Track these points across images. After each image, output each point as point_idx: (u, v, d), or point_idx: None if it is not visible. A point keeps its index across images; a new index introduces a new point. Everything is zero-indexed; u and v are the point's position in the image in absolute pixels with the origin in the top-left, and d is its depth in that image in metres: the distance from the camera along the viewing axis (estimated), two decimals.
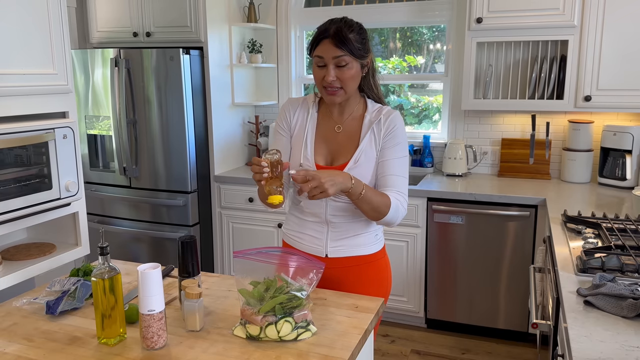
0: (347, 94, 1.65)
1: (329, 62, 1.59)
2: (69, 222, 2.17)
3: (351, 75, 1.62)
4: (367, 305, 1.52)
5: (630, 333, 1.27)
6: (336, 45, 1.57)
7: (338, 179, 1.50)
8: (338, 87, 1.62)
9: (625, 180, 2.99)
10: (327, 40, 1.59)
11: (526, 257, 2.94)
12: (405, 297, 3.23)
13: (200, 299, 1.37)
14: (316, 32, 1.63)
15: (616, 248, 1.80)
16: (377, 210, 1.59)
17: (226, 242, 3.62)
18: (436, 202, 3.05)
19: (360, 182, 1.56)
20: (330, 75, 1.59)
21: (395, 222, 1.65)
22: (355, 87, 1.67)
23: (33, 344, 1.33)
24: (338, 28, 1.58)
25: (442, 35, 3.62)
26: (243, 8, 3.75)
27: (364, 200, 1.57)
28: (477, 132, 3.52)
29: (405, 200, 1.66)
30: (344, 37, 1.57)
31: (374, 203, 1.58)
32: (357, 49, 1.60)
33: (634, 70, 2.83)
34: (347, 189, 1.52)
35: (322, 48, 1.60)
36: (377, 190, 1.63)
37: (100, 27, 3.64)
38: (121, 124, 3.40)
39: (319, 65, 1.62)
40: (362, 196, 1.55)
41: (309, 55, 1.67)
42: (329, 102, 1.68)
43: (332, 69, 1.60)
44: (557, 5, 2.90)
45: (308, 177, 1.46)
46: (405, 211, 1.66)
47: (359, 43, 1.61)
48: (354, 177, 1.55)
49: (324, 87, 1.63)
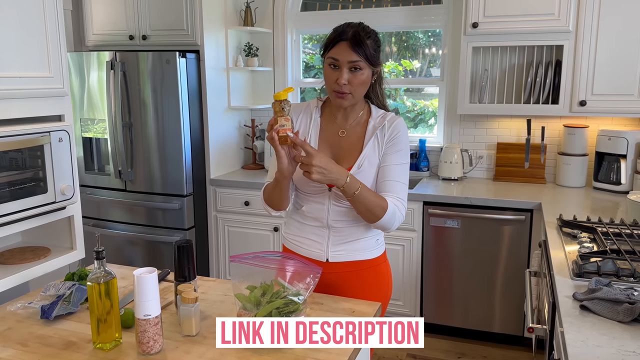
0: (355, 99, 1.65)
1: (343, 64, 1.58)
2: (64, 225, 2.15)
3: (362, 80, 1.61)
4: (364, 309, 1.52)
5: (627, 338, 1.28)
6: (353, 49, 1.57)
7: (331, 172, 1.51)
8: (348, 91, 1.61)
9: (620, 184, 3.01)
10: (344, 43, 1.58)
11: (522, 261, 2.94)
12: (401, 300, 3.23)
13: (196, 304, 1.37)
14: (332, 33, 1.62)
15: (612, 252, 1.81)
16: (372, 211, 1.59)
17: (222, 246, 3.62)
18: (432, 206, 3.06)
19: (357, 182, 1.56)
20: (343, 79, 1.58)
21: (392, 228, 1.65)
22: (363, 93, 1.67)
23: (28, 349, 1.32)
24: (356, 32, 1.58)
25: (438, 39, 3.63)
26: (239, 12, 3.75)
27: (358, 200, 1.57)
28: (473, 136, 3.53)
29: (404, 206, 1.66)
30: (362, 42, 1.57)
31: (369, 204, 1.58)
32: (372, 55, 1.60)
33: (628, 76, 2.85)
34: (339, 185, 1.53)
35: (338, 50, 1.59)
36: (375, 193, 1.62)
37: (96, 30, 3.63)
38: (117, 127, 3.39)
39: (332, 67, 1.61)
40: (356, 195, 1.55)
41: (322, 55, 1.65)
42: (337, 105, 1.68)
43: (345, 72, 1.59)
44: (552, 11, 2.91)
45: (306, 148, 1.49)
46: (402, 217, 1.66)
47: (374, 50, 1.61)
48: (352, 176, 1.55)
49: (333, 90, 1.63)
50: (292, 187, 1.71)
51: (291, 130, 1.50)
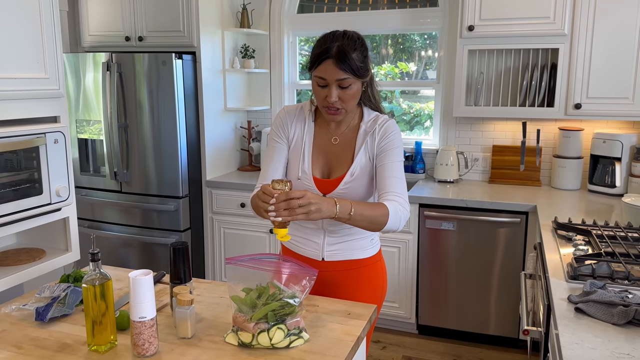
0: (347, 112, 1.65)
1: (331, 83, 1.56)
2: (59, 227, 2.15)
3: (352, 95, 1.60)
4: (359, 312, 1.52)
5: (621, 340, 1.28)
6: (339, 66, 1.53)
7: (324, 208, 1.45)
8: (339, 107, 1.60)
9: (615, 187, 3.02)
10: (329, 61, 1.54)
11: (517, 263, 2.95)
12: (397, 302, 3.23)
13: (191, 306, 1.36)
14: (317, 50, 1.57)
15: (606, 255, 1.82)
16: (375, 222, 1.56)
17: (217, 248, 3.61)
18: (428, 208, 3.06)
19: (347, 204, 1.50)
20: (333, 97, 1.57)
21: (399, 227, 1.60)
22: (355, 103, 1.66)
23: (22, 351, 1.32)
24: (340, 47, 1.53)
25: (434, 42, 3.64)
26: (236, 13, 3.75)
27: (356, 219, 1.53)
28: (469, 139, 3.54)
29: (406, 201, 1.63)
30: (347, 57, 1.53)
31: (369, 217, 1.54)
32: (359, 68, 1.56)
33: (623, 79, 2.86)
34: (332, 216, 1.48)
35: (324, 69, 1.55)
36: (369, 204, 1.58)
37: (92, 31, 3.62)
38: (112, 128, 3.39)
39: (320, 85, 1.59)
40: (352, 217, 1.51)
41: (308, 70, 1.62)
42: (330, 120, 1.67)
43: (334, 90, 1.57)
44: (547, 14, 2.93)
45: (298, 195, 1.41)
46: (407, 212, 1.61)
47: (361, 62, 1.57)
48: (338, 201, 1.50)
49: (324, 106, 1.62)
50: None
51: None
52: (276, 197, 1.41)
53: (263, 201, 1.44)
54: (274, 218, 1.42)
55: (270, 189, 1.44)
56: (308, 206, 1.41)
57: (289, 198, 1.40)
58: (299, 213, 1.41)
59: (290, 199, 1.40)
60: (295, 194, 1.41)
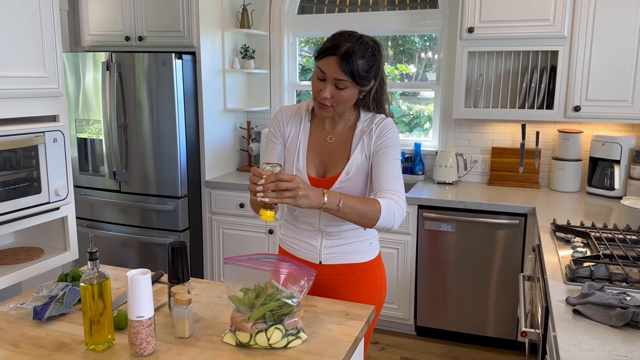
0: (336, 112, 1.64)
1: (329, 79, 1.57)
2: (58, 226, 2.14)
3: (345, 98, 1.59)
4: (357, 312, 1.52)
5: (619, 342, 1.28)
6: (341, 66, 1.53)
7: (312, 196, 1.45)
8: (330, 105, 1.61)
9: (614, 190, 3.02)
10: (334, 58, 1.54)
11: (515, 265, 2.95)
12: (396, 304, 3.23)
13: (189, 306, 1.36)
14: (328, 43, 1.57)
15: (604, 257, 1.82)
16: (366, 217, 1.54)
17: (216, 248, 3.61)
18: (427, 210, 3.07)
19: (336, 196, 1.50)
20: (326, 93, 1.57)
21: (394, 225, 1.59)
22: (346, 108, 1.65)
23: (20, 350, 1.32)
24: (349, 49, 1.52)
25: (434, 44, 3.65)
26: (236, 14, 3.75)
27: (345, 212, 1.52)
28: (468, 141, 3.54)
29: (402, 199, 1.62)
30: (351, 61, 1.52)
31: (359, 212, 1.53)
32: (361, 76, 1.55)
33: (622, 82, 2.87)
34: (320, 205, 1.48)
35: (326, 63, 1.55)
36: (361, 198, 1.58)
37: (92, 31, 3.62)
38: (112, 127, 3.39)
39: (319, 78, 1.59)
40: (340, 209, 1.50)
41: (315, 59, 1.62)
42: (318, 114, 1.68)
43: (329, 87, 1.57)
44: (547, 17, 2.93)
45: (287, 178, 1.41)
46: (403, 210, 1.61)
47: (365, 71, 1.56)
48: (327, 192, 1.50)
49: (316, 98, 1.62)
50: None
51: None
52: (265, 178, 1.42)
53: (252, 182, 1.45)
54: (261, 198, 1.42)
55: (260, 170, 1.45)
56: (296, 190, 1.41)
57: (277, 180, 1.41)
58: (286, 196, 1.41)
59: (279, 181, 1.41)
60: (285, 177, 1.41)
